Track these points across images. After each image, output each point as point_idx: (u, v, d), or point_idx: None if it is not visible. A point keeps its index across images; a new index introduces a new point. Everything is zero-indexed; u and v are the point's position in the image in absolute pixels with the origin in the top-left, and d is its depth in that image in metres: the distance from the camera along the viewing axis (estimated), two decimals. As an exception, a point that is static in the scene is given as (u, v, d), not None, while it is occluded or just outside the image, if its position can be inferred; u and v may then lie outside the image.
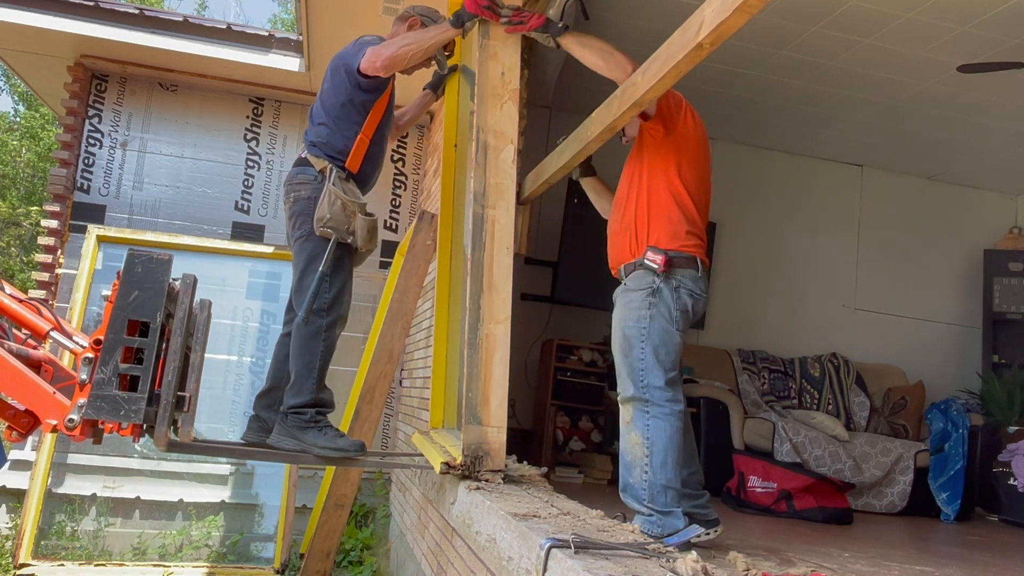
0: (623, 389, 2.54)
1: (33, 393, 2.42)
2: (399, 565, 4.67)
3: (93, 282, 5.33)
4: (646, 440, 2.42)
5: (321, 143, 3.13)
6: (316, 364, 3.02)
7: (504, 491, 2.67)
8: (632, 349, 2.52)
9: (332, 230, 3.02)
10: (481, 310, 2.67)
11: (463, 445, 2.60)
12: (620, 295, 2.66)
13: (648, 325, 2.52)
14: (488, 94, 2.76)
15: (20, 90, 15.15)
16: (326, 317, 3.05)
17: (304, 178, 3.14)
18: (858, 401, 5.91)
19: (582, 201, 5.58)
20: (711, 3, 2.23)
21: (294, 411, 2.97)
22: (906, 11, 4.21)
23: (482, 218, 2.70)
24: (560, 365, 5.53)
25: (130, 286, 2.43)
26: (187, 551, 5.20)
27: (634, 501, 2.44)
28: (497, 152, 2.74)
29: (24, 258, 13.99)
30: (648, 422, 2.43)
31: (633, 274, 2.62)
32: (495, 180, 2.72)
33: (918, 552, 3.62)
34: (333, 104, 3.15)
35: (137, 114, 5.84)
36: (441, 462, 2.64)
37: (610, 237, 2.82)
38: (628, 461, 2.45)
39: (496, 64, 2.79)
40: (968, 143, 5.97)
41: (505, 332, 2.70)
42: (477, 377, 2.63)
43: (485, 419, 2.61)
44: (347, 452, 2.93)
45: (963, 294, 6.83)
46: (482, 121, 2.74)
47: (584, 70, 2.93)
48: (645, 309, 2.54)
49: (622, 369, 2.55)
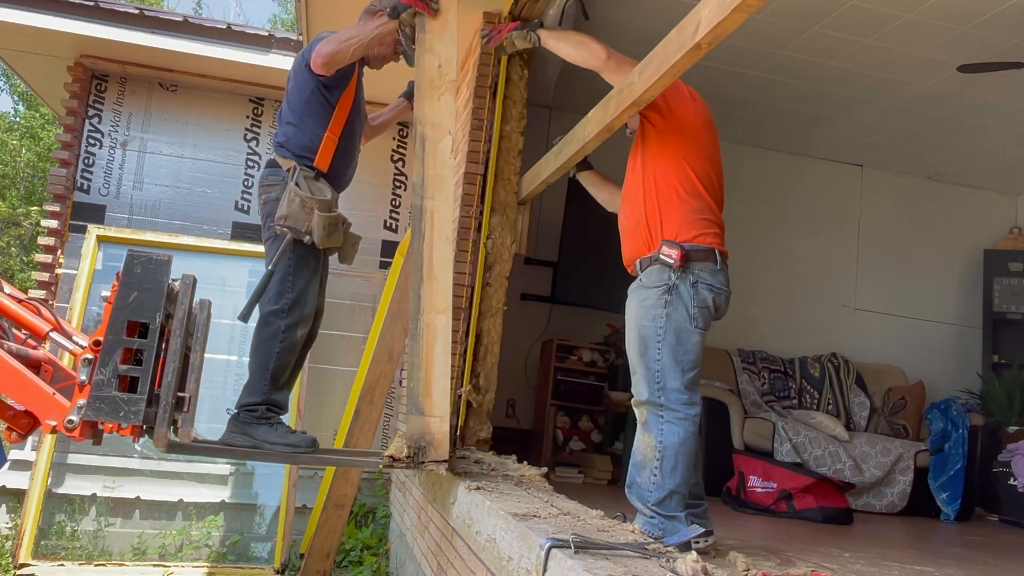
0: (638, 391, 2.47)
1: (33, 394, 2.42)
2: (399, 565, 4.67)
3: (93, 282, 5.33)
4: (658, 443, 2.37)
5: (287, 143, 3.14)
6: (271, 365, 3.00)
7: (504, 491, 2.67)
8: (648, 350, 2.44)
9: (289, 229, 3.02)
10: (422, 300, 2.66)
11: (407, 436, 2.59)
12: (634, 291, 2.56)
13: (664, 324, 2.42)
14: (425, 86, 2.79)
15: (20, 90, 15.15)
16: (286, 318, 3.03)
17: (274, 179, 3.15)
18: (858, 401, 5.91)
19: (582, 201, 5.60)
20: (708, 3, 2.23)
21: (246, 408, 2.97)
22: (906, 11, 4.21)
23: (421, 208, 2.71)
24: (560, 365, 5.52)
25: (129, 287, 2.44)
26: (187, 551, 5.20)
27: (639, 501, 2.41)
28: (435, 143, 2.75)
29: (24, 258, 14.00)
30: (662, 426, 2.38)
31: (648, 269, 2.52)
32: (434, 171, 2.74)
33: (918, 552, 3.61)
34: (298, 102, 3.16)
35: (137, 114, 5.84)
36: (385, 455, 2.63)
37: (622, 233, 2.74)
38: (638, 460, 2.41)
39: (433, 57, 2.82)
40: (968, 143, 5.97)
41: (446, 322, 2.69)
42: (419, 367, 2.62)
43: (427, 409, 2.61)
44: (298, 448, 2.92)
45: (963, 294, 6.83)
46: (420, 113, 2.77)
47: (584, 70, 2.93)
48: (661, 308, 2.44)
49: (637, 370, 2.47)
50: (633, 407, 2.51)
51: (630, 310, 2.54)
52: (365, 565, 5.02)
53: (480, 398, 4.01)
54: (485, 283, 4.11)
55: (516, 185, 4.26)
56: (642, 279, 2.55)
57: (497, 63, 4.23)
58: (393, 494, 5.47)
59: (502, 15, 4.28)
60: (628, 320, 2.54)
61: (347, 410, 4.97)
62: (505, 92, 4.24)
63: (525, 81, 4.33)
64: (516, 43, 3.45)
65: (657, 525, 2.32)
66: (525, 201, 4.29)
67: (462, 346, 4.05)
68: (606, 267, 5.69)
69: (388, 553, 5.14)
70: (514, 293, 4.82)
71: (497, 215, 4.19)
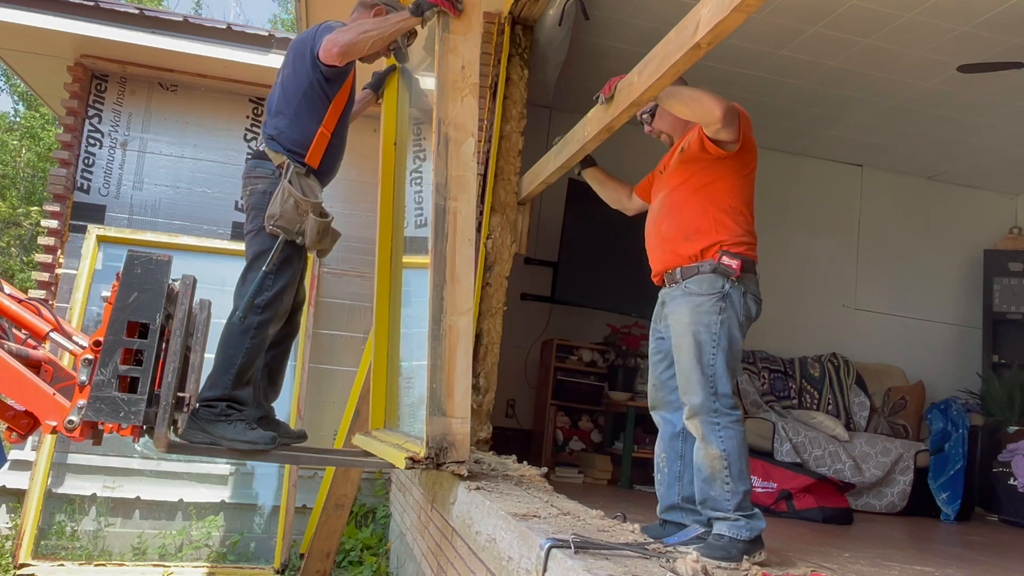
0: (690, 397, 2.49)
1: (33, 394, 2.42)
2: (399, 565, 4.67)
3: (93, 282, 5.33)
4: (723, 453, 2.41)
5: (279, 136, 3.06)
6: (238, 360, 2.94)
7: (504, 491, 2.67)
8: (703, 355, 2.48)
9: (281, 229, 2.97)
10: (444, 301, 2.65)
11: (427, 437, 2.58)
12: (680, 298, 2.58)
13: (719, 331, 2.49)
14: (448, 87, 2.77)
15: (20, 90, 15.15)
16: (260, 315, 2.98)
17: (261, 172, 3.08)
18: (858, 401, 5.91)
19: (582, 201, 5.60)
20: (708, 3, 2.23)
21: (205, 404, 2.89)
22: (906, 11, 4.21)
23: (444, 209, 2.70)
24: (560, 365, 5.52)
25: (129, 287, 2.44)
26: (187, 551, 5.20)
27: (715, 511, 2.43)
28: (458, 145, 2.75)
29: (24, 258, 14.00)
30: (721, 434, 2.42)
31: (696, 278, 2.56)
32: (456, 172, 2.73)
33: (918, 552, 3.62)
34: (294, 92, 3.08)
35: (137, 114, 5.84)
36: (405, 457, 2.61)
37: (658, 240, 2.73)
38: (707, 475, 2.43)
39: (456, 58, 2.80)
40: (968, 143, 5.97)
41: (468, 323, 2.69)
42: (441, 368, 2.61)
43: (450, 410, 2.61)
44: (256, 445, 2.86)
45: (963, 294, 6.83)
46: (443, 114, 2.75)
47: (584, 70, 2.94)
48: (716, 314, 2.50)
49: (692, 375, 2.49)
50: (685, 421, 2.53)
51: (680, 316, 2.56)
52: (365, 565, 5.02)
53: (480, 398, 4.01)
54: (485, 283, 4.11)
55: (516, 185, 4.26)
56: (688, 286, 2.57)
57: (497, 63, 4.23)
58: (393, 494, 5.47)
59: (502, 15, 4.29)
60: (678, 326, 2.56)
61: (347, 410, 4.96)
62: (505, 92, 4.24)
63: (525, 81, 4.33)
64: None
65: (744, 526, 2.35)
66: (525, 201, 4.29)
67: (462, 346, 4.05)
68: (606, 267, 5.73)
69: (388, 553, 5.14)
70: (514, 293, 4.82)
71: (497, 215, 4.20)
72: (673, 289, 2.64)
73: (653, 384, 2.80)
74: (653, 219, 2.79)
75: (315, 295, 5.75)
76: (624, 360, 5.55)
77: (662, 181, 2.83)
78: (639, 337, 5.56)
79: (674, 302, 2.61)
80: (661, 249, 2.71)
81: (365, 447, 3.31)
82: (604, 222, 5.81)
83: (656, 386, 2.79)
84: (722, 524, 2.37)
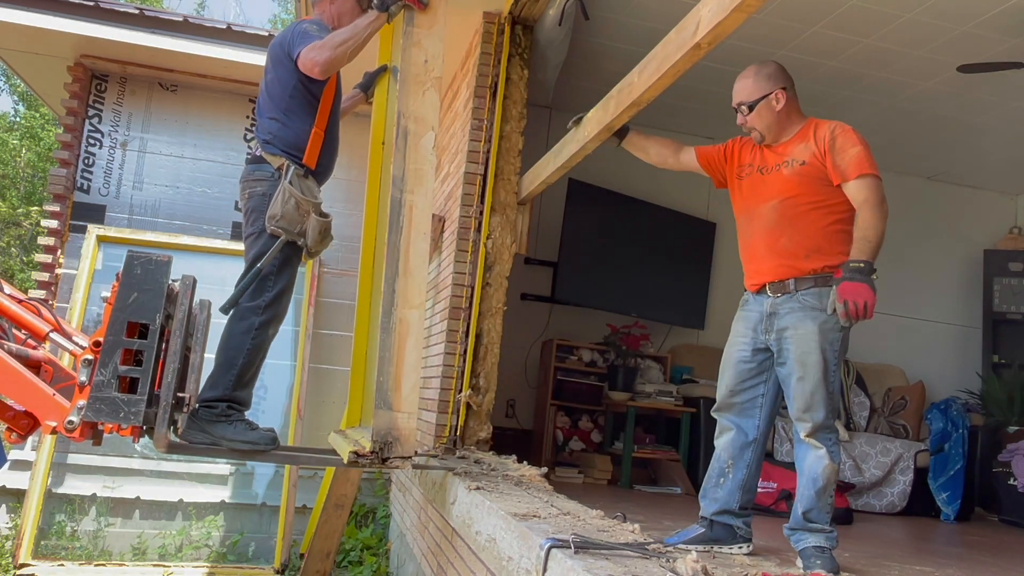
0: (813, 414, 2.48)
1: (32, 395, 2.42)
2: (399, 565, 4.67)
3: (93, 282, 5.34)
4: (837, 465, 2.49)
5: (274, 140, 3.08)
6: (239, 361, 2.95)
7: (504, 491, 2.67)
8: (828, 372, 2.50)
9: (283, 230, 2.98)
10: (396, 294, 2.65)
11: (373, 431, 2.57)
12: (803, 312, 2.53)
13: (839, 348, 2.54)
14: (410, 80, 2.78)
15: (20, 90, 15.15)
16: (261, 315, 2.99)
17: (261, 175, 3.09)
18: (858, 401, 5.91)
19: (582, 201, 5.60)
20: (708, 3, 2.23)
21: (206, 404, 2.90)
22: (906, 11, 4.21)
23: (400, 202, 2.71)
24: (560, 365, 5.52)
25: (129, 288, 2.44)
26: (187, 551, 5.20)
27: (816, 523, 2.49)
28: (418, 138, 2.75)
29: (24, 258, 14.00)
30: (833, 448, 2.49)
31: (814, 290, 2.53)
32: (414, 165, 2.73)
33: (918, 552, 3.62)
34: (281, 96, 3.09)
35: (137, 114, 5.84)
36: (349, 451, 2.60)
37: (772, 251, 2.65)
38: (822, 486, 2.48)
39: (419, 51, 2.81)
40: (968, 143, 5.97)
41: (419, 317, 2.69)
42: (389, 362, 2.61)
43: (396, 404, 2.60)
44: (257, 445, 2.87)
45: (963, 294, 6.83)
46: (404, 107, 2.76)
47: (584, 70, 2.93)
48: (837, 332, 2.51)
49: (818, 392, 2.48)
50: (804, 438, 2.53)
51: (808, 332, 2.51)
52: (365, 565, 5.02)
53: (480, 398, 4.01)
54: (485, 283, 4.11)
55: (516, 185, 4.26)
56: (807, 299, 2.54)
57: (497, 63, 4.23)
58: (393, 494, 5.47)
59: (502, 15, 4.28)
60: (804, 342, 2.51)
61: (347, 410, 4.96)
62: (505, 92, 4.24)
63: (525, 81, 4.33)
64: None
65: (835, 537, 2.46)
66: (525, 201, 4.29)
67: (462, 346, 4.05)
68: (606, 267, 5.73)
69: (388, 553, 5.14)
70: (514, 293, 4.81)
71: (497, 215, 4.20)
72: (786, 300, 2.57)
73: (730, 388, 2.72)
74: (765, 227, 2.67)
75: (315, 295, 5.75)
76: (624, 360, 5.55)
77: (767, 185, 2.71)
78: (639, 337, 5.56)
79: (792, 315, 2.55)
80: (775, 261, 2.62)
81: (333, 444, 3.30)
82: (604, 222, 5.82)
83: (733, 391, 2.71)
84: (819, 536, 2.45)
